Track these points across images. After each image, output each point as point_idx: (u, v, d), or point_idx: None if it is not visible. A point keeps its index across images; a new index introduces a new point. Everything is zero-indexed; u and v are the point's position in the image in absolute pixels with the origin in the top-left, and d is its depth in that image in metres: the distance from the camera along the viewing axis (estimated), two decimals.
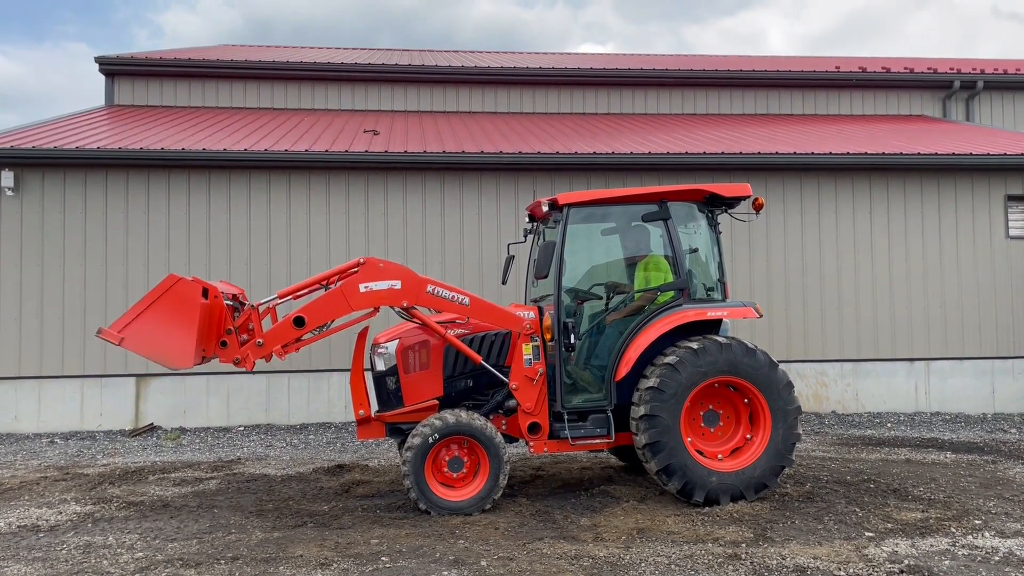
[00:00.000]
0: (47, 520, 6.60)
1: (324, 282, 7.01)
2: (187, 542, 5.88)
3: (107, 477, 8.28)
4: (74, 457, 9.81)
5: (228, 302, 6.59)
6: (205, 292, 6.27)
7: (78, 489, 7.76)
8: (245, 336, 6.57)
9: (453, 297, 6.80)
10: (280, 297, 6.90)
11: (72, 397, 11.39)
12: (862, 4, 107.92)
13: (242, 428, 11.47)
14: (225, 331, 6.49)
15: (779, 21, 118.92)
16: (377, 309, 6.82)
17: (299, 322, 6.61)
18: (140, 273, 11.56)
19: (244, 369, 6.61)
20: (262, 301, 6.85)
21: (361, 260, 6.80)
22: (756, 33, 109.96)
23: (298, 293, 7.08)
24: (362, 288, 6.64)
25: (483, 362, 6.85)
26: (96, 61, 16.03)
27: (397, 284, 6.71)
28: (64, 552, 5.70)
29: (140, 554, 5.61)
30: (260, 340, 6.54)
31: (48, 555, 5.65)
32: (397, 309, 6.92)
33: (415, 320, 6.98)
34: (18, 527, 6.40)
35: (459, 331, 6.99)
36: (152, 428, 11.40)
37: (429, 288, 6.75)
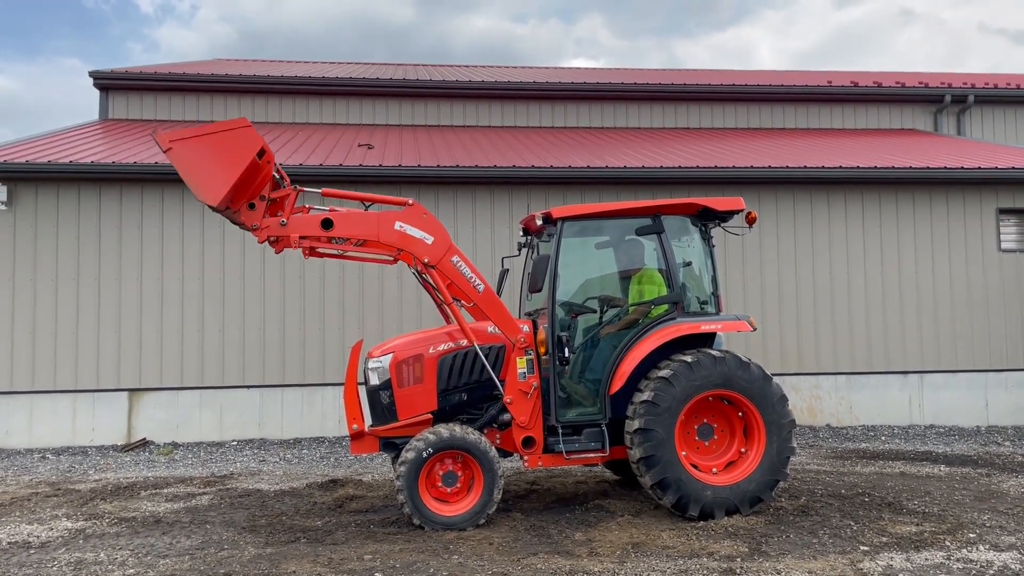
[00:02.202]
0: (38, 536, 6.55)
1: (367, 202, 7.06)
2: (179, 558, 5.84)
3: (99, 493, 8.23)
4: (66, 472, 9.75)
5: (275, 175, 6.63)
6: (262, 152, 6.29)
7: (69, 505, 7.71)
8: (281, 214, 6.60)
9: (471, 279, 6.81)
10: (323, 195, 6.95)
11: (64, 412, 11.33)
12: (850, 20, 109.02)
13: (235, 443, 11.42)
14: (259, 196, 6.51)
15: (768, 37, 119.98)
16: (396, 259, 6.85)
17: (327, 224, 6.64)
18: (133, 287, 11.54)
19: (256, 239, 6.62)
20: (305, 189, 6.89)
21: (410, 201, 6.84)
22: (746, 48, 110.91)
23: (340, 198, 7.10)
24: (397, 225, 6.70)
25: (488, 367, 6.80)
26: (90, 75, 16.04)
27: (429, 239, 6.74)
28: (55, 569, 5.66)
29: (131, 571, 5.57)
30: (284, 220, 6.57)
31: (39, 572, 5.60)
32: (413, 269, 6.92)
33: (429, 282, 6.95)
34: (8, 543, 6.35)
35: (451, 344, 6.97)
36: (144, 443, 11.34)
37: (455, 259, 6.77)
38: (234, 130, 6.23)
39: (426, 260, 6.73)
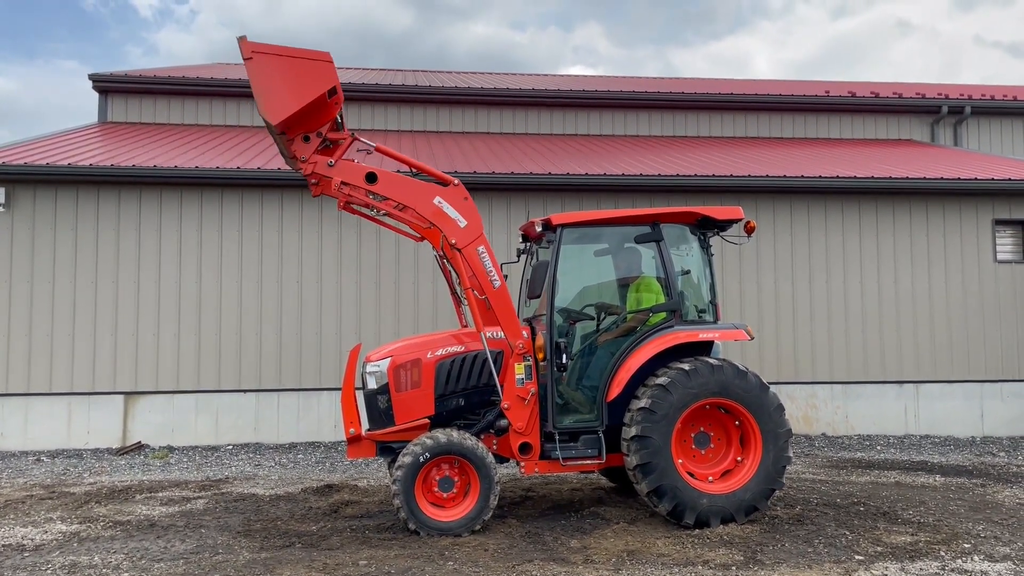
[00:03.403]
0: (32, 539, 6.54)
1: (415, 169, 7.22)
2: (174, 562, 5.83)
3: (94, 496, 8.21)
4: (60, 475, 9.72)
5: (338, 119, 6.76)
6: (333, 91, 6.40)
7: (64, 508, 7.69)
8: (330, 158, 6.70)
9: (491, 272, 6.85)
10: (377, 150, 7.03)
11: (59, 414, 11.30)
12: (846, 31, 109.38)
13: (231, 447, 11.40)
14: (317, 132, 6.62)
15: (765, 47, 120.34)
16: (422, 236, 6.99)
17: (371, 178, 6.76)
18: (130, 290, 11.53)
19: (300, 171, 6.74)
20: (363, 138, 7.01)
21: (456, 181, 6.93)
22: (742, 59, 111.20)
23: (390, 157, 7.18)
24: (436, 200, 6.79)
25: (492, 368, 6.80)
26: (90, 78, 16.04)
27: (463, 222, 6.83)
28: (49, 572, 5.65)
29: (126, 574, 5.56)
30: (332, 161, 6.69)
31: (33, 574, 5.59)
32: (438, 251, 7.01)
33: (449, 265, 7.05)
34: (3, 546, 6.34)
35: (452, 349, 6.97)
36: (140, 446, 11.31)
37: (481, 248, 6.83)
38: (316, 60, 6.35)
39: (453, 242, 6.79)
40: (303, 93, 6.25)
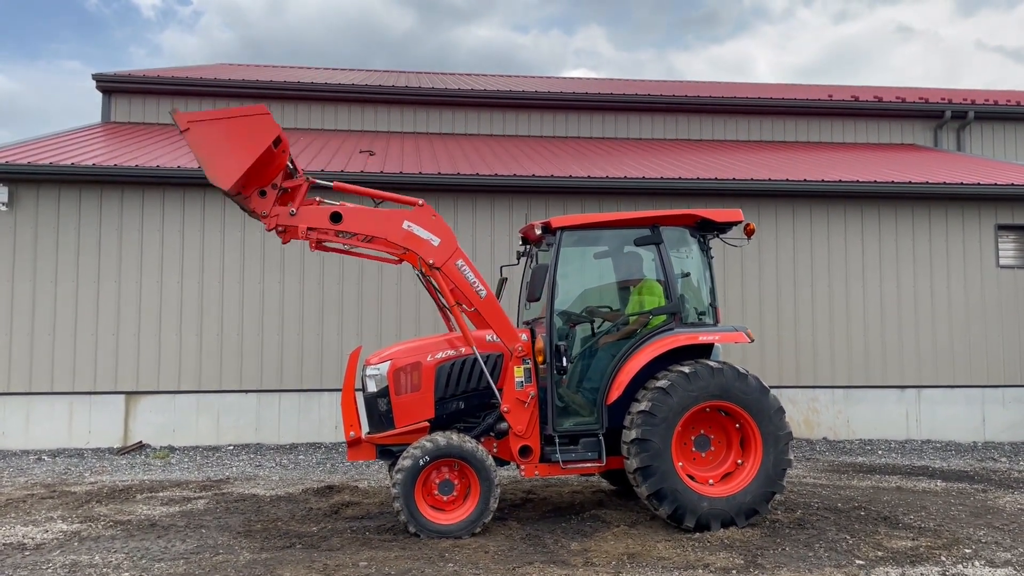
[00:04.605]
0: (33, 538, 6.54)
1: (377, 199, 7.08)
2: (174, 562, 5.83)
3: (94, 495, 8.21)
4: (61, 475, 9.73)
5: (289, 165, 6.65)
6: (278, 141, 6.31)
7: (65, 507, 7.70)
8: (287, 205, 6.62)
9: (474, 283, 6.84)
10: (334, 188, 6.96)
11: (61, 414, 11.31)
12: (847, 36, 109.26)
13: (231, 447, 11.41)
14: (272, 184, 6.53)
15: (766, 51, 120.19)
16: (401, 259, 6.92)
17: (335, 217, 6.66)
18: (132, 290, 11.55)
19: (265, 226, 6.64)
20: (318, 180, 6.92)
21: (420, 202, 6.88)
22: (743, 63, 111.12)
23: (351, 193, 7.13)
24: (405, 224, 6.73)
25: (485, 372, 6.80)
26: (93, 78, 16.08)
27: (436, 240, 6.78)
28: (49, 571, 5.65)
29: (126, 574, 5.57)
30: (294, 210, 6.59)
31: (33, 574, 5.60)
32: (417, 271, 6.97)
33: (432, 284, 7.02)
34: (3, 545, 6.34)
35: (450, 352, 6.97)
36: (141, 446, 11.33)
37: (459, 262, 6.80)
38: (253, 116, 6.27)
39: (431, 262, 6.76)
40: (248, 152, 6.15)
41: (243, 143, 6.17)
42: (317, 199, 6.96)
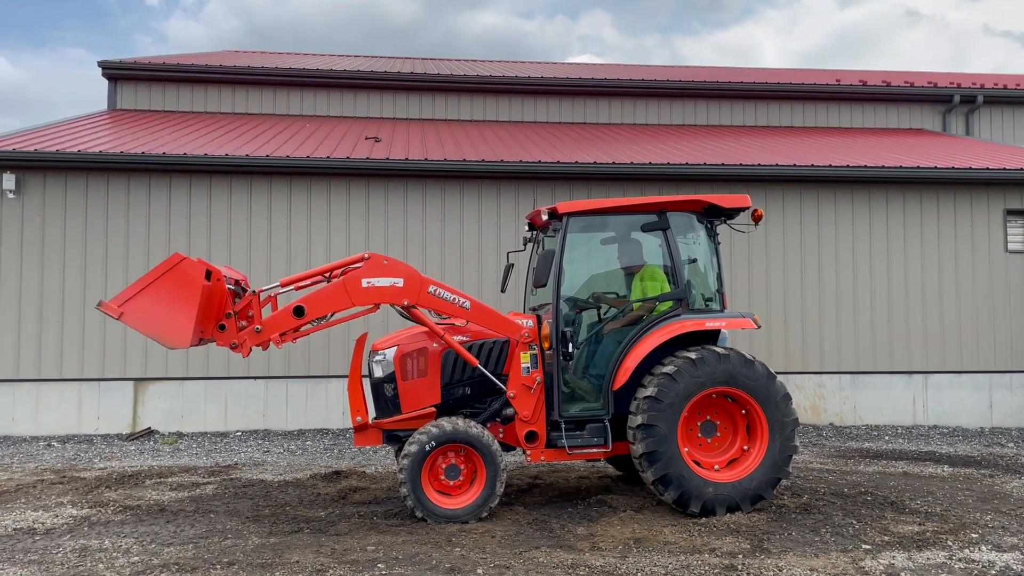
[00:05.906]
0: (43, 523, 6.60)
1: (327, 274, 6.96)
2: (183, 547, 5.87)
3: (104, 481, 8.27)
4: (71, 460, 9.80)
5: (230, 287, 6.53)
6: (208, 274, 6.20)
7: (74, 492, 7.75)
8: (244, 322, 6.52)
9: (455, 300, 6.79)
10: (282, 286, 6.84)
11: (70, 400, 11.38)
12: (854, 20, 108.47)
13: (239, 433, 11.47)
14: (225, 315, 6.43)
15: (772, 36, 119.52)
16: (377, 306, 6.78)
17: (299, 312, 6.55)
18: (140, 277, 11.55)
19: (240, 355, 6.57)
20: (264, 288, 6.85)
21: (365, 255, 6.76)
22: (749, 48, 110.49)
23: (300, 284, 7.00)
24: (364, 283, 6.61)
25: (480, 367, 6.83)
26: (99, 65, 16.07)
27: (400, 282, 6.67)
28: (60, 555, 5.70)
29: (136, 558, 5.61)
30: (259, 327, 6.48)
31: (44, 558, 5.64)
32: (398, 308, 6.91)
33: (415, 320, 6.97)
34: (14, 530, 6.40)
35: (459, 337, 6.98)
36: (149, 432, 11.39)
37: (431, 288, 6.73)
38: (173, 268, 6.15)
39: (406, 303, 6.71)
40: (188, 303, 6.05)
41: (178, 297, 6.07)
42: (272, 295, 6.85)
